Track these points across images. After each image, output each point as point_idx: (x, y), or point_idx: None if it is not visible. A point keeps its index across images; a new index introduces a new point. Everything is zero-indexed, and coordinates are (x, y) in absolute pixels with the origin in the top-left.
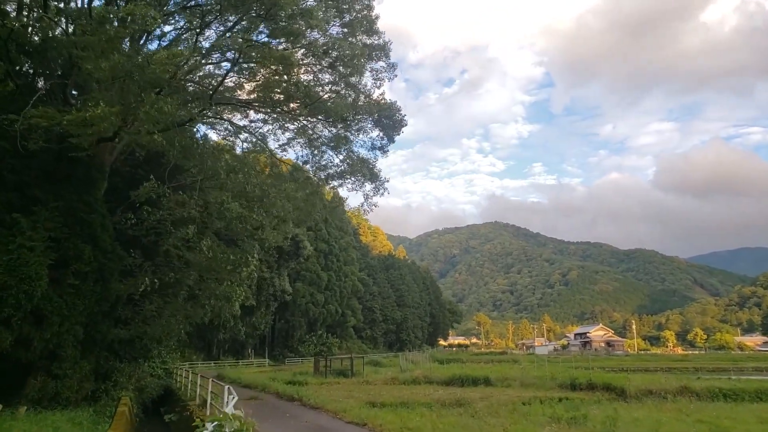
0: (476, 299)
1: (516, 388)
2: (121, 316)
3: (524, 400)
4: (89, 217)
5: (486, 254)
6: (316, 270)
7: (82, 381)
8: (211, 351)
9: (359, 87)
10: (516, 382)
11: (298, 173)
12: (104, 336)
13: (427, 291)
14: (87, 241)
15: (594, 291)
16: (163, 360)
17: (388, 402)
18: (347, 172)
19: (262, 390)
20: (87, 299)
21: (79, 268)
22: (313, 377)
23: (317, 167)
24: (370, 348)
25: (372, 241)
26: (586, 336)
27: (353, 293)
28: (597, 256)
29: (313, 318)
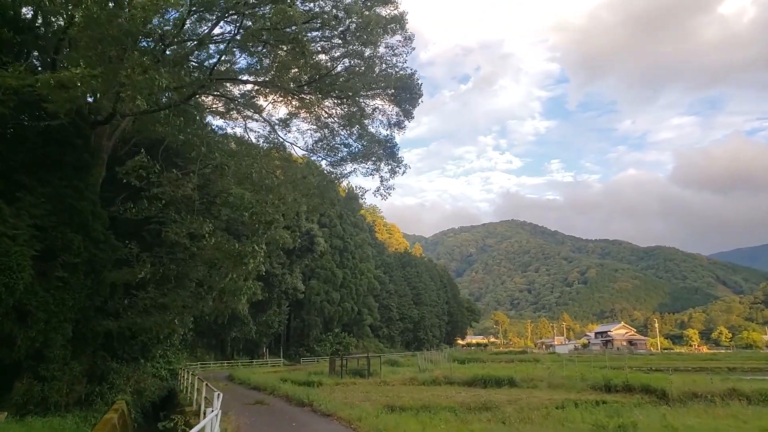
0: (493, 298)
1: (543, 389)
2: (116, 309)
3: (556, 403)
4: (79, 204)
5: (503, 253)
6: (331, 267)
7: (73, 383)
8: (224, 350)
9: (374, 59)
10: (543, 383)
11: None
12: (97, 333)
13: (445, 289)
14: (77, 230)
15: (613, 289)
16: (168, 360)
17: (408, 405)
18: (362, 154)
19: (270, 393)
20: (77, 293)
21: (67, 259)
22: (329, 377)
23: (329, 148)
24: (387, 347)
25: (388, 239)
26: (607, 334)
27: (369, 291)
28: (616, 254)
29: (328, 316)
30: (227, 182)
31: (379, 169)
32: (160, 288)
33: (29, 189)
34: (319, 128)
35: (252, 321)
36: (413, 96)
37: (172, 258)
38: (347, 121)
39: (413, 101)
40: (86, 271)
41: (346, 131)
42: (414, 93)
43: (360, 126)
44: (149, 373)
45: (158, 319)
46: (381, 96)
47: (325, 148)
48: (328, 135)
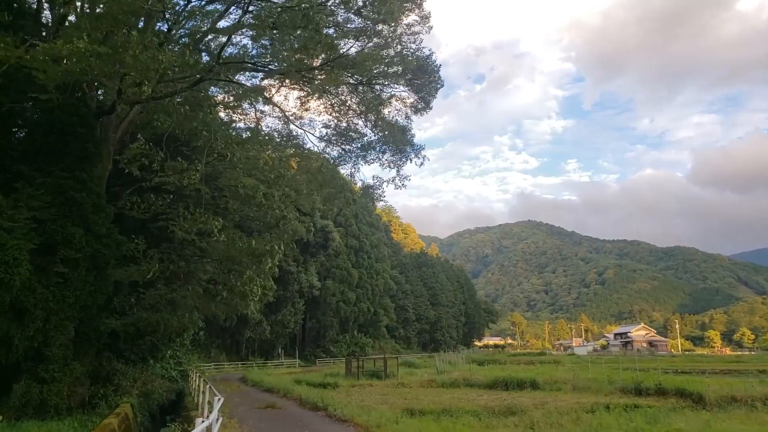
0: (510, 299)
1: (568, 392)
2: (122, 307)
3: (585, 407)
4: (81, 196)
5: (519, 253)
6: (346, 267)
7: (74, 385)
8: (239, 351)
9: (390, 38)
10: (567, 385)
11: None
12: (100, 333)
13: (462, 290)
14: (78, 224)
15: (632, 290)
16: (178, 361)
17: (428, 409)
18: (380, 141)
19: (283, 395)
20: (78, 290)
21: (68, 254)
22: (345, 379)
23: (345, 137)
24: (403, 348)
25: (403, 239)
26: (626, 336)
27: (385, 291)
28: (634, 254)
29: (344, 317)
30: (236, 173)
31: (397, 158)
32: (169, 285)
33: (29, 180)
34: (333, 118)
35: (266, 321)
36: (432, 81)
37: (180, 255)
38: (364, 107)
39: (432, 87)
40: (88, 267)
41: (362, 119)
42: (432, 77)
43: (376, 113)
44: (158, 374)
45: (166, 316)
46: (398, 80)
47: (341, 137)
48: (344, 123)
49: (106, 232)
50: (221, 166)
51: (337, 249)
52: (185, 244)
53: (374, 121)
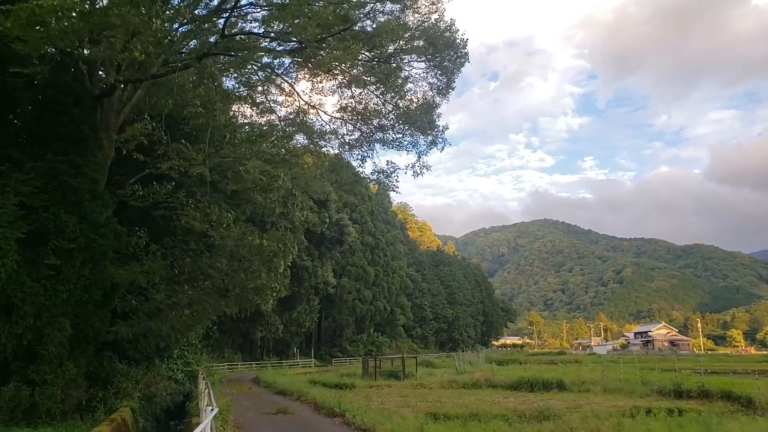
0: (526, 298)
1: (598, 393)
2: (122, 308)
3: (623, 410)
4: (75, 181)
5: (535, 252)
6: (362, 264)
7: (69, 388)
8: (253, 351)
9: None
10: (596, 386)
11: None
12: (97, 331)
13: (479, 288)
14: (72, 212)
15: (650, 288)
16: (186, 361)
17: (453, 413)
18: (398, 121)
19: (297, 398)
20: (72, 284)
21: (60, 244)
22: (362, 379)
23: (360, 116)
24: (420, 348)
25: (419, 237)
26: (647, 335)
27: (402, 290)
28: (652, 253)
29: (360, 315)
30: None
31: (417, 138)
32: (174, 286)
33: (19, 163)
34: (348, 99)
35: (279, 319)
36: (455, 56)
37: (185, 250)
38: (382, 87)
39: (455, 62)
40: (83, 259)
41: (379, 98)
42: (456, 51)
43: (395, 91)
44: (163, 375)
45: (174, 322)
46: (418, 55)
47: (357, 116)
48: (360, 105)
49: (104, 221)
50: (226, 148)
51: (352, 246)
52: (190, 237)
53: (393, 102)
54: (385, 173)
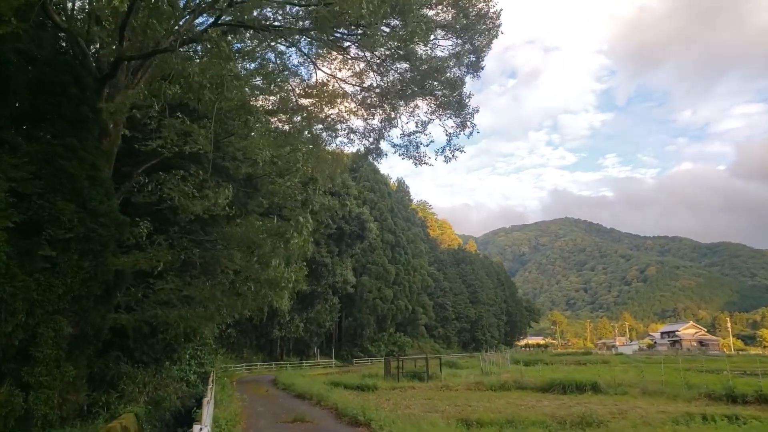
0: (548, 298)
1: (638, 396)
2: (127, 302)
3: (674, 417)
4: (72, 165)
5: (557, 251)
6: (382, 263)
7: (68, 391)
8: (273, 351)
9: None
10: (635, 388)
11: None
12: (99, 329)
13: (502, 287)
14: (70, 199)
15: (675, 287)
16: (200, 362)
17: (486, 419)
18: (432, 72)
19: (317, 403)
20: (69, 278)
21: (56, 234)
22: (384, 380)
23: (377, 70)
24: (443, 348)
25: (440, 236)
26: (674, 334)
27: (423, 289)
28: (677, 251)
29: (381, 315)
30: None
31: (444, 120)
32: (183, 278)
33: (12, 146)
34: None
35: (298, 317)
36: (487, 26)
37: (193, 241)
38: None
39: (485, 36)
40: (82, 251)
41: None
42: (486, 22)
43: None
44: (174, 377)
45: (183, 313)
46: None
47: (379, 98)
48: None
49: (104, 210)
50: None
51: (373, 243)
52: (195, 226)
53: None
54: (413, 144)
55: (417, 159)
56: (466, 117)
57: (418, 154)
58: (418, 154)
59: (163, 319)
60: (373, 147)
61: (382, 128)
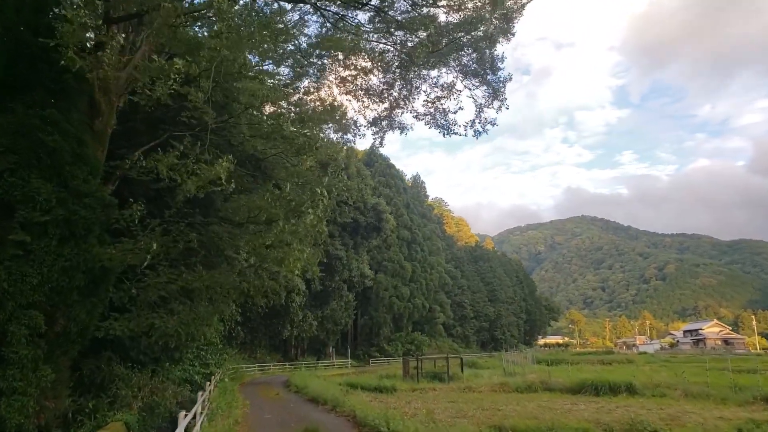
0: (565, 297)
1: (679, 399)
2: (119, 299)
3: (737, 424)
4: (52, 139)
5: (573, 250)
6: (399, 260)
7: (46, 397)
8: (287, 351)
9: None
10: (675, 390)
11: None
12: (84, 326)
13: (521, 285)
14: (48, 177)
15: (695, 285)
16: (204, 362)
17: (522, 427)
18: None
19: (332, 409)
20: (46, 266)
21: (30, 216)
22: (403, 381)
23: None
24: (461, 347)
25: (456, 233)
26: (698, 333)
27: (440, 286)
28: (696, 249)
29: (398, 313)
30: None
31: (473, 90)
32: (179, 266)
33: None
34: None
35: (311, 314)
36: None
37: (190, 224)
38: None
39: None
40: (62, 236)
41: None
42: None
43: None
44: (175, 379)
45: (182, 313)
46: None
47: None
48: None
49: (89, 190)
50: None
51: (388, 240)
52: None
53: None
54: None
55: (445, 128)
56: (498, 86)
57: (446, 122)
58: (447, 122)
59: (162, 330)
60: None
61: (401, 97)
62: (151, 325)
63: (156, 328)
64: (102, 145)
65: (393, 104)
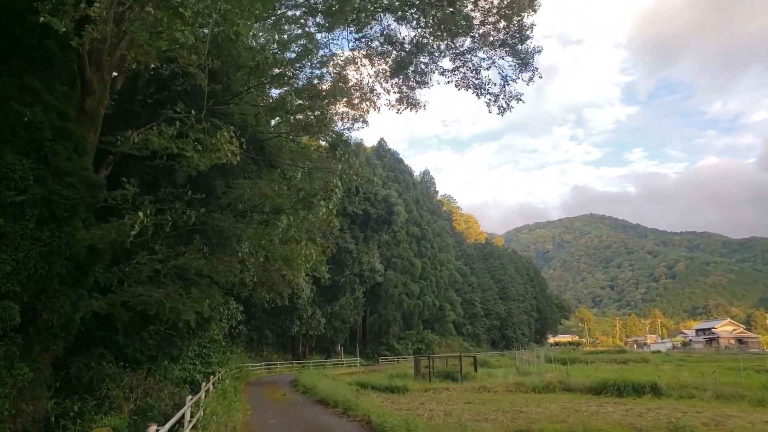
0: (573, 295)
1: (710, 401)
2: (107, 282)
3: None
4: (31, 111)
5: (582, 248)
6: (408, 256)
7: (24, 399)
8: (295, 349)
9: None
10: (703, 391)
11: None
12: (69, 318)
13: (532, 283)
14: (25, 152)
15: (705, 284)
16: (207, 361)
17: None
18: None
19: (343, 412)
20: (23, 252)
21: (4, 196)
22: (414, 381)
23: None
24: (472, 346)
25: (465, 230)
26: (711, 332)
27: (450, 284)
28: (706, 247)
29: (408, 311)
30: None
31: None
32: (174, 246)
33: None
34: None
35: (320, 311)
36: None
37: (190, 202)
38: None
39: None
40: (41, 218)
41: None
42: None
43: None
44: (173, 379)
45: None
46: None
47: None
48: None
49: (72, 168)
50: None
51: (398, 236)
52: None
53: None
54: (471, 67)
55: (478, 87)
56: (526, 56)
57: (479, 80)
58: (479, 81)
59: (144, 299)
60: (416, 59)
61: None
62: (133, 295)
63: (138, 296)
64: (94, 126)
65: (414, 48)
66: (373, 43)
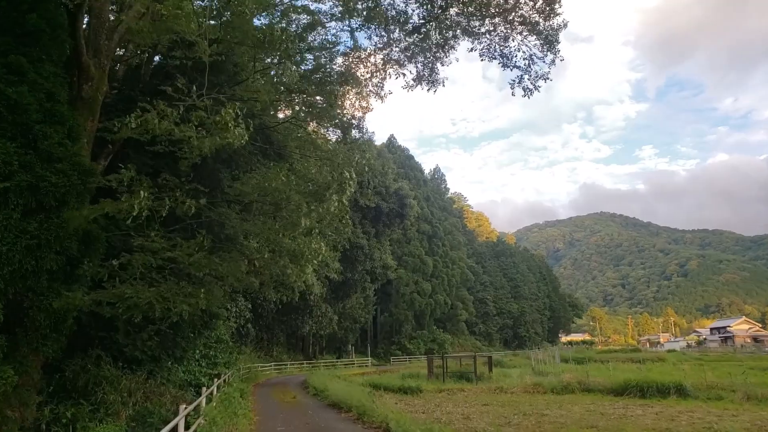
0: (584, 294)
1: (742, 403)
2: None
3: None
4: (15, 92)
5: (593, 246)
6: (419, 254)
7: (10, 405)
8: (306, 349)
9: None
10: (732, 393)
11: None
12: (60, 317)
13: (544, 281)
14: (10, 136)
15: (718, 282)
16: (213, 361)
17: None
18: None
19: (358, 418)
20: (6, 246)
21: None
22: (428, 382)
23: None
24: (484, 345)
25: (477, 228)
26: (726, 330)
27: (462, 282)
28: (718, 244)
29: (419, 310)
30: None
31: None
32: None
33: None
34: None
35: (331, 309)
36: None
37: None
38: None
39: None
40: (27, 207)
41: None
42: None
43: None
44: (175, 381)
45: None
46: None
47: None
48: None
49: (63, 153)
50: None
51: (408, 234)
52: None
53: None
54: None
55: (506, 58)
56: (551, 36)
57: (508, 50)
58: (509, 50)
59: (133, 301)
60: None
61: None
62: (119, 295)
63: (126, 298)
64: (92, 114)
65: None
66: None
